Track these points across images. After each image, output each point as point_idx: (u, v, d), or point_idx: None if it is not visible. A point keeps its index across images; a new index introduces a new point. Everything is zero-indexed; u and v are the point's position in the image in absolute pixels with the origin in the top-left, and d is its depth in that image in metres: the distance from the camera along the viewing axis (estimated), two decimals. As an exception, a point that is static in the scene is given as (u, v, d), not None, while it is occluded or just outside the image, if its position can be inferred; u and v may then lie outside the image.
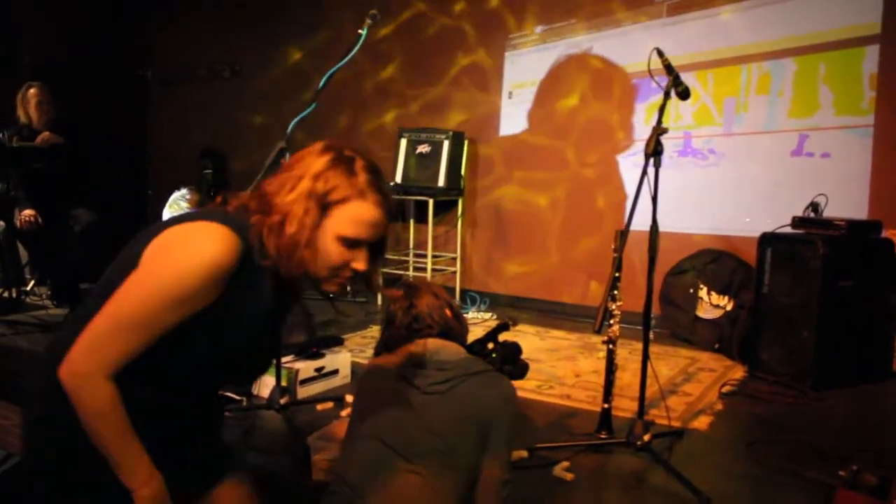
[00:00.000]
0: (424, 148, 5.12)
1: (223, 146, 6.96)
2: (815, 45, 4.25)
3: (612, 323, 2.54)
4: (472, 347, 2.13)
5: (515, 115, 5.42)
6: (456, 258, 5.50)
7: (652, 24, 4.84)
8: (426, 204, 5.09)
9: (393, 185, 5.03)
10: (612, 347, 2.56)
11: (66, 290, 4.77)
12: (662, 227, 2.48)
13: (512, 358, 2.27)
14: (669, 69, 2.54)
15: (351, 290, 1.47)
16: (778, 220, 3.64)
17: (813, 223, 3.55)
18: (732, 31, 4.54)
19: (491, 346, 2.24)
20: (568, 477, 2.28)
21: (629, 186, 4.88)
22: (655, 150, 2.38)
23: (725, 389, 3.30)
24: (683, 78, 2.55)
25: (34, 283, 5.15)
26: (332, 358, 3.18)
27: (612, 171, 5.01)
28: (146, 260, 1.30)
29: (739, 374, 3.63)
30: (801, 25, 4.29)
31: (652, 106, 4.77)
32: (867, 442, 2.65)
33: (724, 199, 4.58)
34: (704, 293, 4.26)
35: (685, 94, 2.52)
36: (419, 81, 5.83)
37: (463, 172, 5.37)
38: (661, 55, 2.55)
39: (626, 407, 2.91)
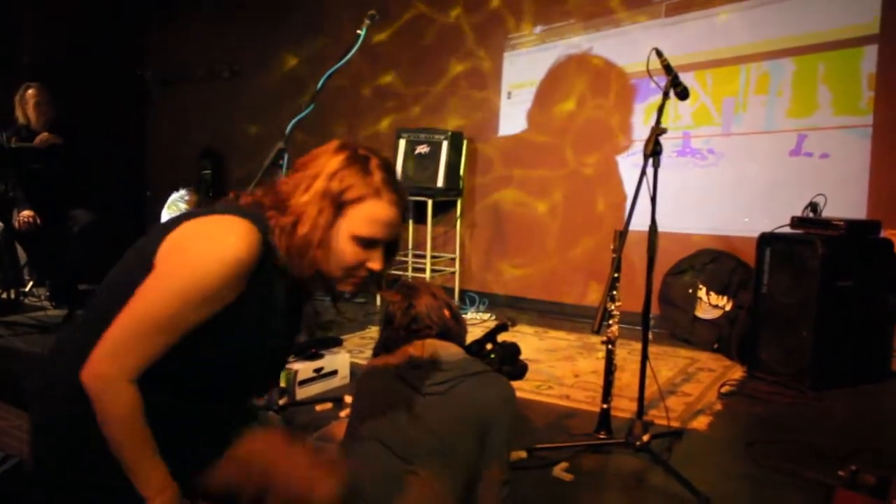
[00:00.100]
0: (423, 148, 5.12)
1: (222, 147, 6.95)
2: (813, 45, 4.25)
3: (611, 323, 2.54)
4: (470, 348, 2.13)
5: (514, 115, 5.42)
6: (455, 258, 5.49)
7: (651, 24, 4.84)
8: (425, 204, 5.09)
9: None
10: (611, 348, 2.56)
11: (64, 290, 4.77)
12: (661, 227, 2.48)
13: (511, 358, 2.27)
14: (668, 69, 2.54)
15: (359, 289, 1.45)
16: (777, 220, 3.64)
17: (812, 223, 3.55)
18: (731, 31, 4.54)
19: (490, 346, 2.24)
20: (567, 477, 2.28)
21: (628, 186, 4.88)
22: (654, 150, 2.38)
23: (724, 389, 3.30)
24: (682, 78, 2.55)
25: (33, 284, 5.15)
26: (330, 358, 3.18)
27: (611, 171, 5.01)
28: (164, 258, 1.26)
29: (738, 374, 3.63)
30: (799, 25, 4.29)
31: (651, 106, 4.77)
32: (866, 442, 2.65)
33: (722, 199, 4.58)
34: (703, 293, 4.26)
35: (684, 94, 2.52)
36: (418, 82, 5.82)
37: (462, 173, 5.37)
38: (659, 55, 2.55)
39: (625, 407, 2.91)
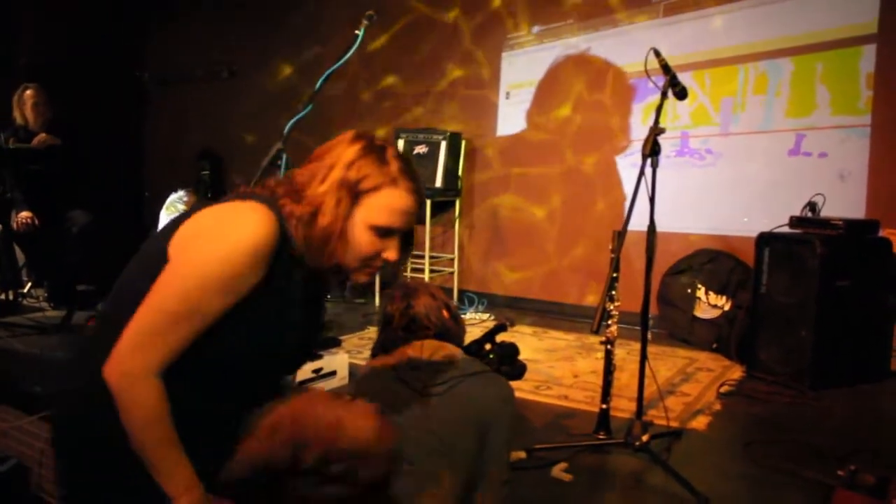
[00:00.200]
0: (422, 149, 5.12)
1: (220, 148, 6.95)
2: (811, 44, 4.25)
3: (609, 323, 2.54)
4: (469, 348, 2.12)
5: (513, 115, 5.42)
6: (454, 259, 5.49)
7: (649, 24, 4.84)
8: (423, 205, 5.08)
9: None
10: (610, 348, 2.56)
11: (63, 291, 4.76)
12: (660, 227, 2.48)
13: (509, 359, 2.27)
14: (666, 69, 2.53)
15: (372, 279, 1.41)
16: (775, 219, 3.64)
17: (810, 223, 3.55)
18: (729, 30, 4.54)
19: (488, 347, 2.23)
20: (566, 478, 2.28)
21: (627, 186, 4.89)
22: (653, 150, 2.38)
23: (723, 389, 3.30)
24: (681, 78, 2.55)
25: (31, 284, 5.14)
26: (329, 359, 3.17)
27: (609, 171, 5.01)
28: (179, 248, 1.23)
29: (737, 374, 3.63)
30: (797, 25, 4.29)
31: (649, 106, 4.77)
32: (865, 441, 2.64)
33: (721, 198, 4.58)
34: (702, 293, 4.26)
35: (682, 94, 2.52)
36: (416, 82, 5.82)
37: (460, 173, 5.37)
38: (657, 55, 2.55)
39: (624, 407, 2.91)
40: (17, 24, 6.24)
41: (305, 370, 3.01)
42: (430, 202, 5.07)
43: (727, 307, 4.12)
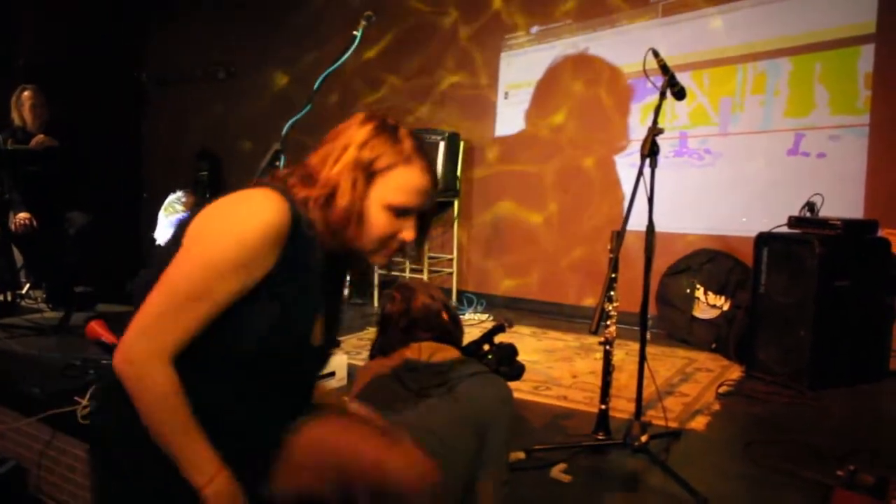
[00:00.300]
0: (420, 149, 5.11)
1: (219, 148, 6.94)
2: (810, 44, 4.26)
3: (608, 324, 2.54)
4: (468, 349, 2.12)
5: (512, 115, 5.42)
6: (452, 259, 5.49)
7: (647, 24, 4.84)
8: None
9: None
10: (608, 348, 2.56)
11: (61, 292, 4.75)
12: (659, 227, 2.47)
13: (508, 359, 2.27)
14: (665, 69, 2.53)
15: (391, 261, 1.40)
16: (774, 219, 3.64)
17: (809, 223, 3.55)
18: (728, 30, 4.54)
19: (487, 347, 2.24)
20: (565, 478, 2.27)
21: (626, 186, 4.89)
22: (651, 150, 2.37)
23: (722, 390, 3.30)
24: (679, 78, 2.55)
25: (29, 286, 5.13)
26: (328, 360, 3.16)
27: (608, 171, 5.01)
28: (192, 235, 1.21)
29: (736, 374, 3.62)
30: (796, 25, 4.29)
31: (648, 106, 4.77)
32: (864, 441, 2.64)
33: (720, 198, 4.58)
34: (701, 293, 4.26)
35: (681, 94, 2.52)
36: (415, 82, 5.82)
37: (459, 173, 5.36)
38: (656, 55, 2.55)
39: (623, 408, 2.91)
40: (15, 24, 6.23)
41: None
42: (428, 202, 5.06)
43: (726, 307, 4.12)
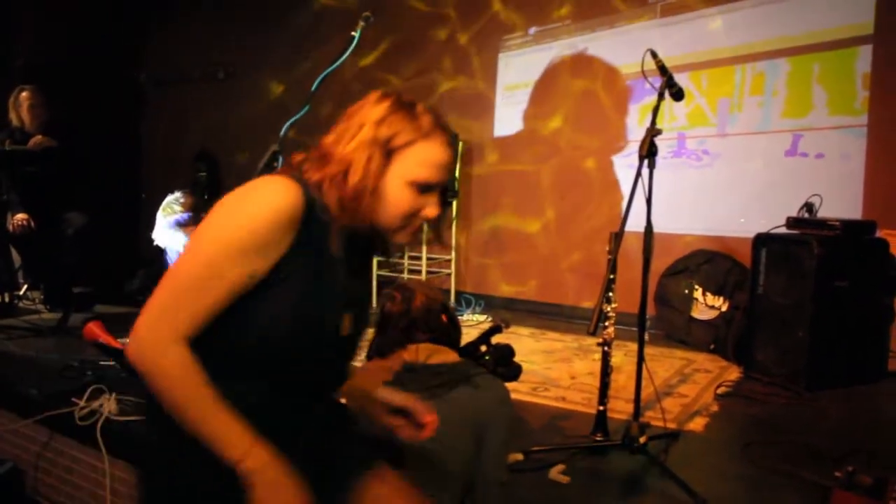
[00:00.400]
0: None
1: (217, 149, 6.93)
2: (808, 45, 4.26)
3: (607, 325, 2.54)
4: (464, 350, 2.12)
5: (510, 116, 5.42)
6: (451, 260, 5.49)
7: (646, 24, 4.84)
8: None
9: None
10: (607, 349, 2.56)
11: (59, 294, 4.74)
12: (657, 228, 2.47)
13: (505, 360, 2.27)
14: (663, 70, 2.53)
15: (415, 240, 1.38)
16: (772, 220, 3.64)
17: (807, 223, 3.55)
18: (726, 31, 4.54)
19: (484, 348, 2.23)
20: (563, 480, 2.27)
21: (624, 187, 4.89)
22: (650, 151, 2.37)
23: (721, 390, 3.29)
24: (677, 79, 2.55)
25: (27, 287, 5.12)
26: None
27: (606, 172, 5.01)
28: (202, 224, 1.21)
29: (735, 374, 3.62)
30: (794, 26, 4.29)
31: (646, 107, 4.77)
32: (862, 442, 2.64)
33: (718, 199, 4.58)
34: (699, 294, 4.26)
35: (679, 95, 2.52)
36: (412, 83, 5.82)
37: (457, 174, 5.36)
38: (654, 56, 2.54)
39: (621, 409, 2.90)
40: (14, 24, 6.22)
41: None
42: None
43: (724, 308, 4.12)
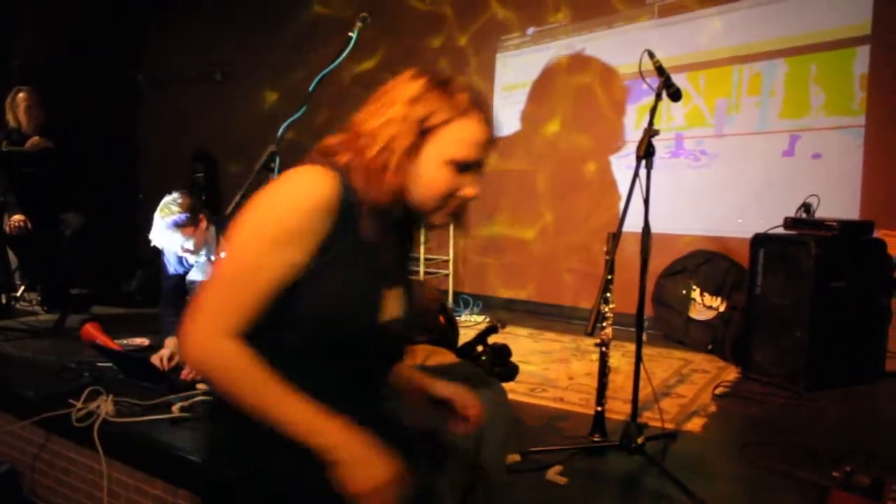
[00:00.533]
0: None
1: (215, 149, 6.93)
2: (806, 45, 4.26)
3: (604, 325, 2.54)
4: (461, 351, 2.12)
5: (507, 116, 5.42)
6: (448, 260, 5.48)
7: (643, 25, 4.84)
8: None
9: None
10: (604, 350, 2.55)
11: (56, 295, 4.74)
12: (654, 228, 2.47)
13: (501, 360, 2.27)
14: (661, 70, 2.53)
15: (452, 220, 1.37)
16: (770, 220, 3.64)
17: (805, 224, 3.55)
18: (724, 32, 4.55)
19: (480, 349, 2.23)
20: (561, 481, 2.26)
21: (622, 188, 4.89)
22: (647, 151, 2.37)
23: (719, 391, 3.29)
24: (675, 79, 2.54)
25: (24, 288, 5.11)
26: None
27: (604, 172, 5.01)
28: (241, 219, 1.20)
29: (733, 375, 3.62)
30: (792, 26, 4.30)
31: (643, 107, 4.77)
32: (860, 443, 2.64)
33: (716, 200, 4.59)
34: (697, 294, 4.26)
35: (676, 95, 2.52)
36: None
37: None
38: (652, 57, 2.54)
39: (619, 409, 2.90)
40: (11, 24, 6.21)
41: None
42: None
43: (722, 308, 4.12)
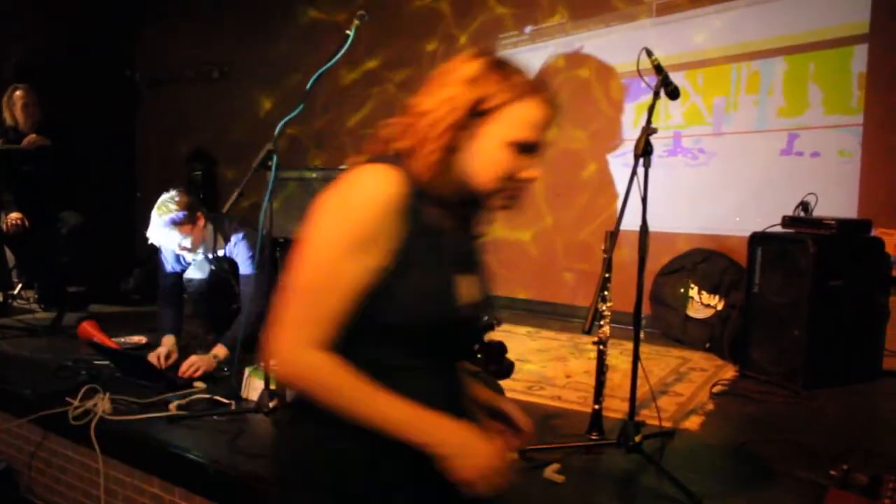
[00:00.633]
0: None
1: (213, 148, 6.92)
2: (804, 44, 4.26)
3: (602, 323, 2.53)
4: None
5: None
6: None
7: (642, 23, 4.84)
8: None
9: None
10: (602, 348, 2.55)
11: (53, 293, 4.73)
12: (652, 226, 2.46)
13: (497, 357, 2.26)
14: (659, 69, 2.52)
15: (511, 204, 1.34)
16: (768, 219, 3.64)
17: (803, 222, 3.55)
18: (722, 30, 4.55)
19: (476, 346, 2.23)
20: (558, 479, 2.26)
21: (619, 186, 4.88)
22: (645, 150, 2.36)
23: (716, 389, 3.29)
24: (673, 77, 2.54)
25: (21, 286, 5.11)
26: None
27: (602, 170, 5.00)
28: (310, 228, 1.18)
29: (730, 373, 3.62)
30: (790, 25, 4.30)
31: (641, 105, 4.77)
32: (858, 441, 2.64)
33: (714, 198, 4.58)
34: (695, 293, 4.26)
35: (675, 93, 2.51)
36: (407, 81, 5.81)
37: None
38: (650, 55, 2.54)
39: (616, 408, 2.90)
40: (8, 23, 6.20)
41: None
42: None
43: (720, 307, 4.13)
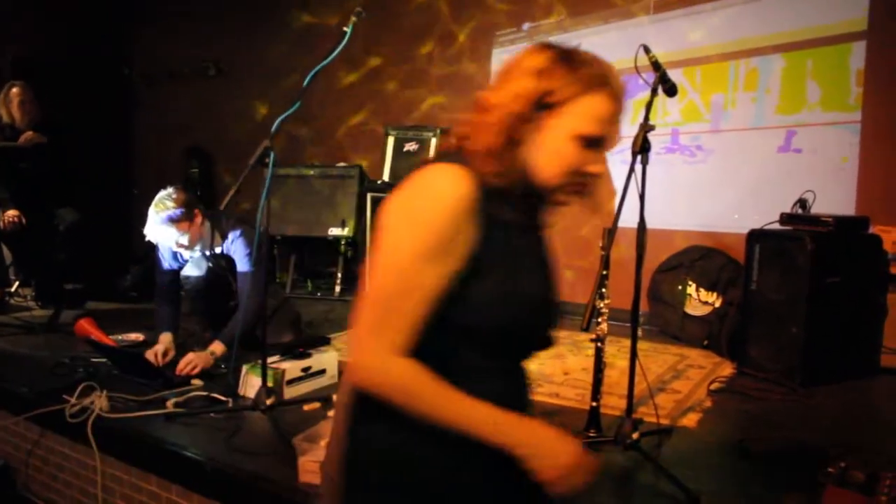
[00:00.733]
0: (412, 146, 5.10)
1: (209, 145, 6.91)
2: (802, 41, 4.26)
3: (600, 321, 2.53)
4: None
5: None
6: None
7: (639, 20, 4.83)
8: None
9: (381, 183, 5.01)
10: (600, 345, 2.55)
11: (50, 290, 4.73)
12: (650, 224, 2.47)
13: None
14: (656, 66, 2.53)
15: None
16: (766, 216, 3.64)
17: (801, 219, 3.55)
18: (720, 27, 4.54)
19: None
20: (556, 476, 2.26)
21: (617, 183, 4.87)
22: (643, 147, 2.37)
23: (714, 386, 3.29)
24: (671, 74, 2.54)
25: (18, 284, 5.10)
26: (318, 357, 3.16)
27: (600, 168, 5.00)
28: (382, 232, 1.18)
29: (728, 370, 3.63)
30: (788, 22, 4.29)
31: (639, 103, 4.71)
32: (855, 438, 2.65)
33: (712, 195, 4.58)
34: (693, 290, 4.26)
35: (672, 90, 2.52)
36: (406, 80, 5.80)
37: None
38: (647, 52, 2.54)
39: (614, 405, 2.90)
40: (4, 20, 6.18)
41: (294, 369, 3.00)
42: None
43: (718, 304, 4.13)
